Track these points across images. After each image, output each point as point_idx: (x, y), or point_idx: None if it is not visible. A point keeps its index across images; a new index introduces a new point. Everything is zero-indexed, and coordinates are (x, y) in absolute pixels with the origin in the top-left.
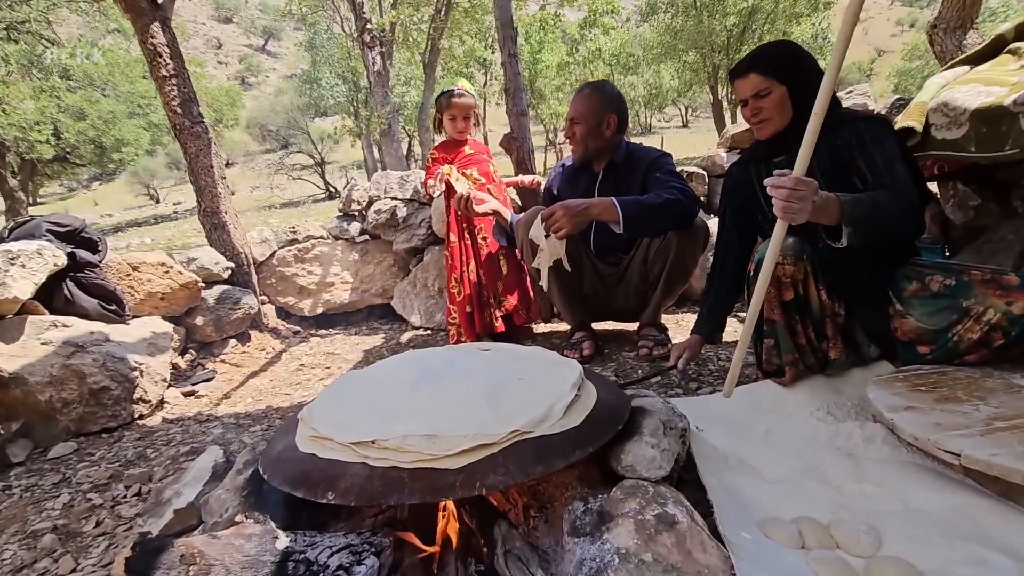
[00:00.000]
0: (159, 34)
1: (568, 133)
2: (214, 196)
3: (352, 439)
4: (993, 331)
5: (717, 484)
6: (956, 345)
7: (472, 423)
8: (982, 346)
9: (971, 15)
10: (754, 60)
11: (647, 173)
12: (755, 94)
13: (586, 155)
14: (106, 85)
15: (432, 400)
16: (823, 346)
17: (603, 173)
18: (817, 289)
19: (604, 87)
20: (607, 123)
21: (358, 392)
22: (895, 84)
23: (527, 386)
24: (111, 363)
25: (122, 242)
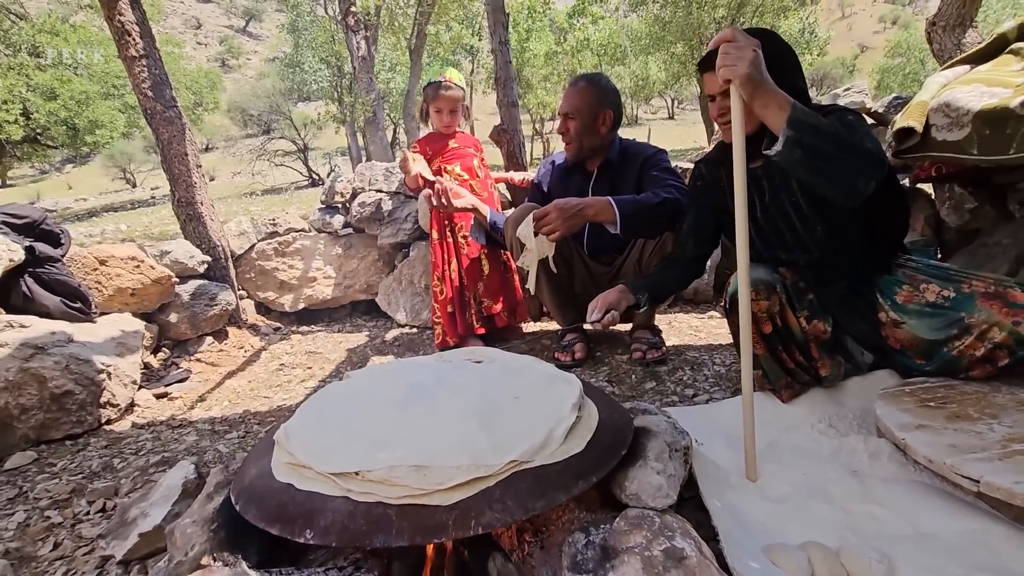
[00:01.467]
0: (127, 11)
1: (562, 129)
2: (189, 185)
3: (333, 469)
4: (998, 350)
5: (720, 508)
6: (956, 360)
7: (465, 452)
8: (986, 363)
9: (970, 13)
10: None
11: (642, 171)
12: (724, 90)
13: (580, 153)
14: (78, 64)
15: (421, 423)
16: (813, 364)
17: (597, 171)
18: (796, 317)
19: (600, 80)
20: (603, 119)
21: (339, 411)
22: (878, 81)
23: (524, 406)
24: (75, 365)
25: (96, 228)
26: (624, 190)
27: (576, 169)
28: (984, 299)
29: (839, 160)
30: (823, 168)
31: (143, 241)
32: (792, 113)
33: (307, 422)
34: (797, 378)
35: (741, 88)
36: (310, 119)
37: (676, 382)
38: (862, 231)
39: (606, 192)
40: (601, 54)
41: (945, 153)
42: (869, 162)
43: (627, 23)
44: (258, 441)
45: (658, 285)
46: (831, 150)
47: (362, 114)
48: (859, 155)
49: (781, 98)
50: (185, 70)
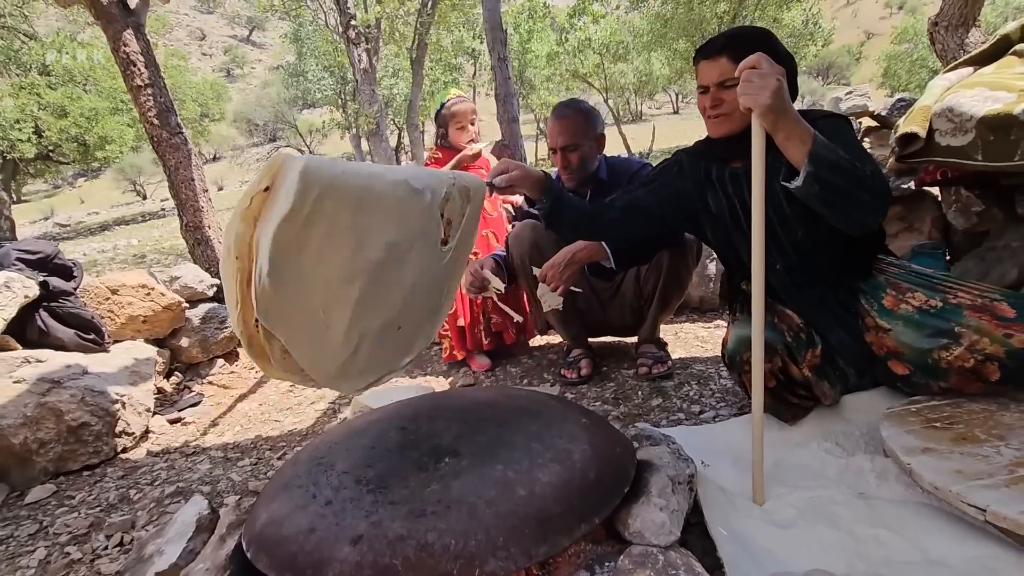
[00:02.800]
0: (132, 41)
1: (562, 163)
2: (196, 210)
3: None
4: (989, 362)
5: (726, 536)
6: (945, 372)
7: None
8: (975, 376)
9: (973, 12)
10: (729, 41)
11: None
12: (720, 82)
13: (581, 181)
14: (87, 81)
15: None
16: (815, 396)
17: (591, 194)
18: (799, 368)
19: (584, 105)
20: (600, 143)
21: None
22: (884, 68)
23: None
24: (90, 397)
25: (109, 243)
26: None
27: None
28: (972, 311)
29: (854, 197)
30: (837, 203)
31: (154, 256)
32: (813, 148)
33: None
34: (803, 403)
35: (762, 118)
36: (315, 126)
37: (683, 398)
38: (842, 235)
39: None
40: (603, 53)
41: (949, 159)
42: (879, 199)
43: (628, 20)
44: (269, 480)
45: (571, 219)
46: (848, 187)
47: (365, 125)
48: (873, 194)
49: (803, 130)
50: (191, 82)
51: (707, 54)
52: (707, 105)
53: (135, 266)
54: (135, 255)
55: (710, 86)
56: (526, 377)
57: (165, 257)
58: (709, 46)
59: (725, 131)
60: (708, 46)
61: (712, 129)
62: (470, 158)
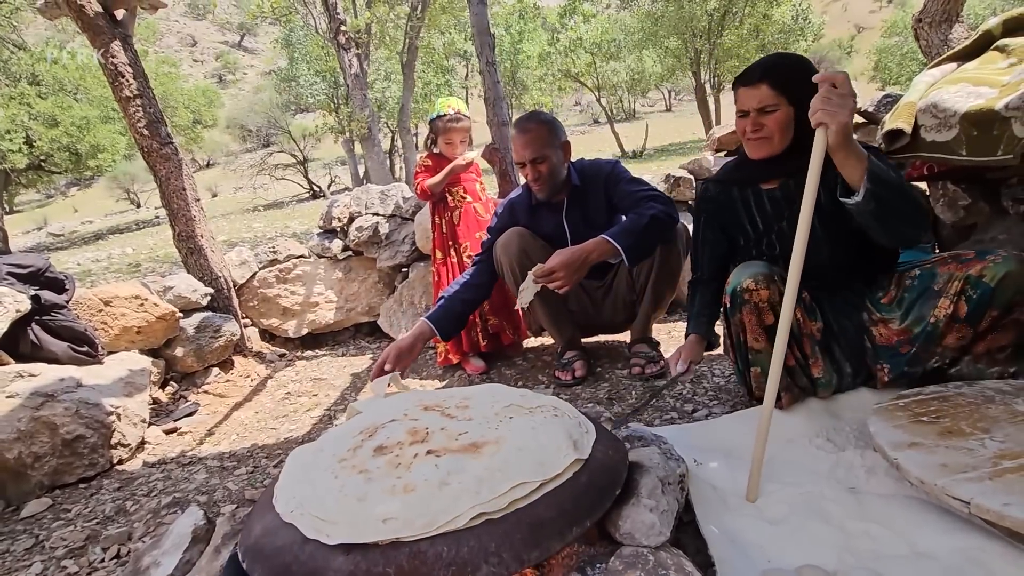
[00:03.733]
0: (120, 53)
1: (532, 175)
2: (189, 220)
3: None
4: (961, 301)
5: (717, 534)
6: (934, 331)
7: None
8: (954, 323)
9: (956, 8)
10: (768, 70)
11: (608, 189)
12: (761, 108)
13: (553, 191)
14: (78, 90)
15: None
16: (807, 362)
17: (567, 201)
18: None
19: (544, 116)
20: (566, 152)
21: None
22: (875, 61)
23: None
24: (85, 410)
25: (103, 252)
26: (596, 212)
27: (542, 204)
28: (942, 265)
29: (902, 212)
30: (890, 219)
31: (149, 265)
32: (870, 166)
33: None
34: (796, 380)
35: (835, 136)
36: (308, 131)
37: (675, 396)
38: (860, 254)
39: (580, 219)
40: (595, 51)
41: (935, 154)
42: (921, 213)
43: (620, 18)
44: (264, 488)
45: (711, 316)
46: (898, 203)
47: (358, 129)
48: (916, 209)
49: (860, 149)
50: (183, 89)
51: (747, 82)
52: (747, 129)
53: (130, 275)
54: (130, 264)
55: (750, 111)
56: (520, 379)
57: (160, 265)
58: (749, 74)
59: (765, 153)
60: (748, 74)
61: (752, 151)
62: (462, 167)
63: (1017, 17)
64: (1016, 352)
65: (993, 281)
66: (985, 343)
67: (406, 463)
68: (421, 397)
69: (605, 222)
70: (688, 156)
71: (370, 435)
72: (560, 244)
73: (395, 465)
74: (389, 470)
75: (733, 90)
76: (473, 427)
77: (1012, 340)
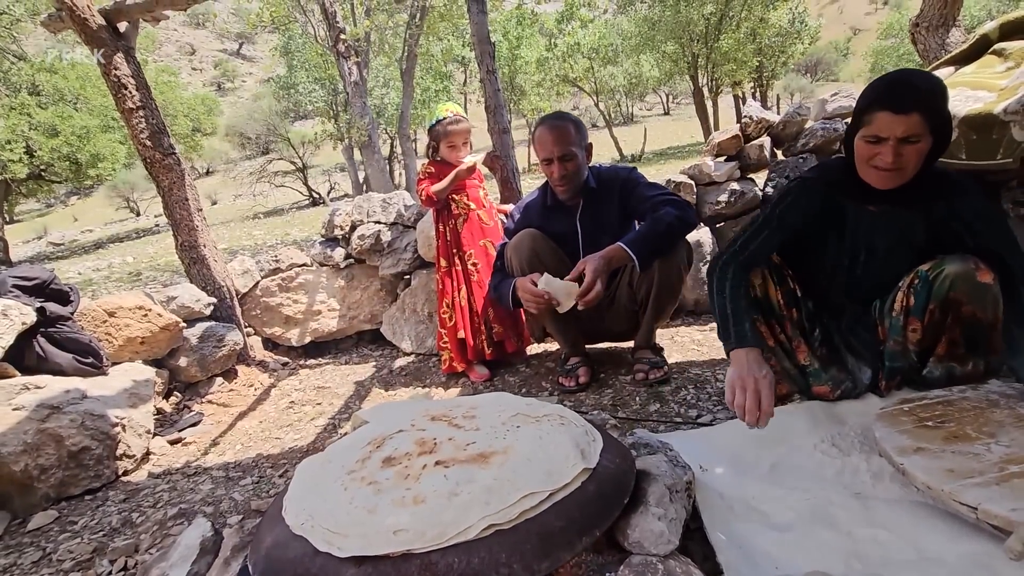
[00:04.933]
0: (123, 65)
1: (560, 172)
2: (191, 229)
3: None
4: (909, 293)
5: (725, 541)
6: (897, 320)
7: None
8: (908, 314)
9: (953, 13)
10: (924, 98)
11: (624, 194)
12: (906, 137)
13: (576, 191)
14: (77, 99)
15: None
16: (791, 345)
17: (583, 203)
18: (776, 292)
19: (572, 116)
20: (589, 152)
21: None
22: (872, 63)
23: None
24: (90, 421)
25: (104, 261)
26: (609, 217)
27: (556, 206)
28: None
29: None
30: None
31: (150, 274)
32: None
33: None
34: (779, 360)
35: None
36: (308, 138)
37: (680, 402)
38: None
39: (593, 222)
40: (593, 56)
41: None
42: None
43: (617, 23)
44: (271, 498)
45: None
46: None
47: (358, 137)
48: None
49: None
50: (182, 98)
51: (897, 108)
52: (884, 158)
53: (130, 284)
54: (130, 272)
55: (891, 138)
56: (524, 386)
57: (161, 274)
58: (899, 99)
59: (895, 184)
60: (898, 99)
61: (882, 181)
62: (465, 172)
63: (1014, 21)
64: (971, 348)
65: (932, 275)
66: (942, 344)
67: (415, 474)
68: (427, 406)
69: (618, 227)
70: (687, 160)
71: (378, 446)
72: (572, 246)
73: (404, 476)
74: (398, 481)
75: (871, 111)
76: (481, 437)
77: (960, 336)
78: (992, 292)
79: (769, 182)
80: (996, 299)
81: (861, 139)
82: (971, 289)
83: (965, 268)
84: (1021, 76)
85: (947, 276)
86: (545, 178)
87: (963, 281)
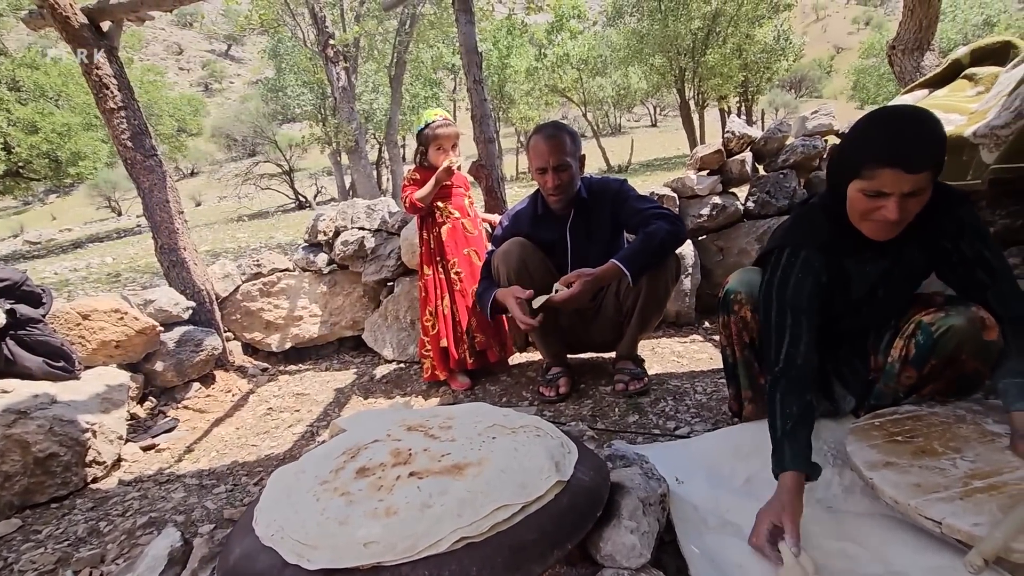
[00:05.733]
0: (105, 64)
1: (554, 182)
2: (171, 232)
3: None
4: (909, 343)
5: (697, 554)
6: (892, 367)
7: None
8: (906, 363)
9: (927, 37)
10: (934, 153)
11: (615, 207)
12: (912, 192)
13: (569, 200)
14: (59, 96)
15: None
16: None
17: (573, 214)
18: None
19: (565, 127)
20: (581, 163)
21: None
22: (854, 81)
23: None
24: (59, 427)
25: (82, 261)
26: (599, 228)
27: (547, 215)
28: (915, 304)
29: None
30: None
31: (129, 275)
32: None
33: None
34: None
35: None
36: (295, 141)
37: (658, 414)
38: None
39: (582, 232)
40: (582, 67)
41: None
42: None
43: (606, 35)
44: (244, 507)
45: (807, 438)
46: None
47: (344, 141)
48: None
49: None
50: (168, 98)
51: (909, 167)
52: (889, 214)
53: (109, 285)
54: (109, 274)
55: (895, 194)
56: (505, 395)
57: (140, 276)
58: (910, 159)
59: (893, 235)
60: (909, 159)
61: (882, 233)
62: (444, 175)
63: (984, 47)
64: (960, 392)
65: (937, 332)
66: (930, 387)
67: (388, 485)
68: (405, 416)
69: (608, 238)
70: (673, 171)
71: (352, 456)
72: (560, 255)
73: (377, 488)
74: (371, 493)
75: (878, 167)
76: (456, 448)
77: (952, 387)
78: (997, 347)
79: (750, 196)
80: (999, 352)
81: (859, 191)
82: (977, 348)
83: (972, 327)
84: (990, 100)
85: (953, 335)
86: (534, 188)
87: (970, 341)
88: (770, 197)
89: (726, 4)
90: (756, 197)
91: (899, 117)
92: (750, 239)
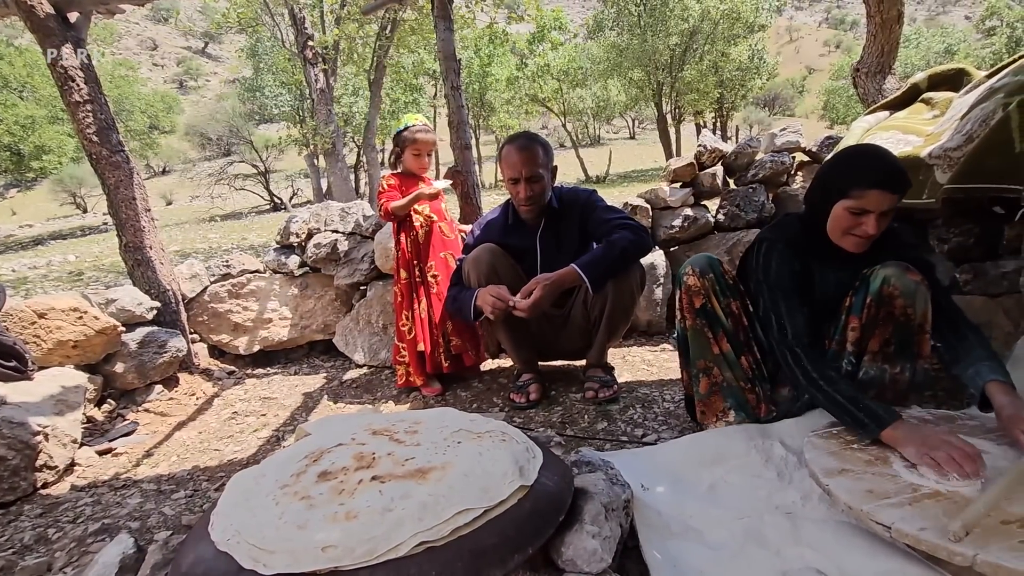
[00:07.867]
0: (71, 57)
1: (527, 193)
2: (137, 230)
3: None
4: (852, 295)
5: (660, 560)
6: (839, 319)
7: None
8: (848, 313)
9: (888, 61)
10: (906, 181)
11: (584, 216)
12: (887, 211)
13: (540, 210)
14: (24, 87)
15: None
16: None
17: (544, 223)
18: (719, 303)
19: (540, 138)
20: (553, 174)
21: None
22: (825, 101)
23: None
24: (7, 429)
25: (42, 259)
26: (568, 237)
27: (517, 224)
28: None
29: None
30: None
31: (92, 274)
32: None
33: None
34: (721, 370)
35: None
36: (271, 142)
37: (627, 421)
38: None
39: (552, 241)
40: (562, 78)
41: None
42: None
43: (587, 47)
44: (203, 513)
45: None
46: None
47: (321, 144)
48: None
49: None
50: (140, 94)
51: (894, 189)
52: (869, 229)
53: (71, 284)
54: (71, 272)
55: (874, 212)
56: (476, 401)
57: (105, 275)
58: (896, 182)
59: (865, 248)
60: (895, 182)
61: (858, 247)
62: (428, 197)
63: (941, 73)
64: (901, 349)
65: (870, 275)
66: (875, 339)
67: (350, 489)
68: (371, 420)
69: (577, 247)
70: (649, 183)
71: (315, 460)
72: (530, 263)
73: (339, 491)
74: (332, 496)
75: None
76: (421, 452)
77: (892, 334)
78: (921, 290)
79: (721, 209)
80: (925, 298)
81: (845, 210)
82: (903, 285)
83: (897, 267)
84: (945, 124)
85: (882, 273)
86: (507, 197)
87: (896, 278)
88: (739, 210)
89: (703, 22)
90: (726, 210)
91: (881, 151)
92: (720, 251)
